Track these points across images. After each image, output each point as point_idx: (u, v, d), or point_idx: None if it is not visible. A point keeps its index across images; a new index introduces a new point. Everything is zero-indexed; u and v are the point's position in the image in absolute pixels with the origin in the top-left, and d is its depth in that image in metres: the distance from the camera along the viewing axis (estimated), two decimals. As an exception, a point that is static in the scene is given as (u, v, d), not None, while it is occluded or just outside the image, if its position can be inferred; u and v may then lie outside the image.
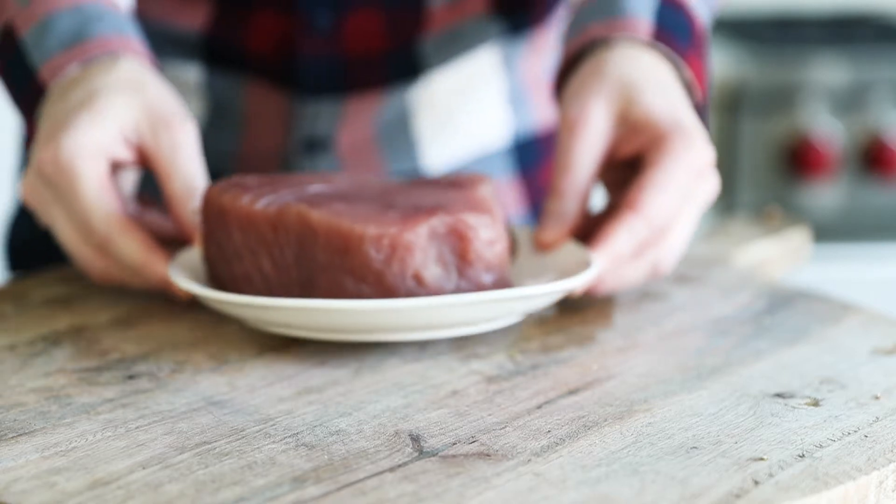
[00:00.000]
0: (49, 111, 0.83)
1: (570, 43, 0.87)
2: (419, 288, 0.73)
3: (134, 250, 0.80)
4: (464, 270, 0.75)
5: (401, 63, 1.01)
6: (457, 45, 1.03)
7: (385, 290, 0.73)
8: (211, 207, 0.78)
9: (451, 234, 0.74)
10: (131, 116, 0.81)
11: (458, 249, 0.74)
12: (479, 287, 0.75)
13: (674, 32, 0.85)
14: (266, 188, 0.77)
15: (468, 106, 1.05)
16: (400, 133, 1.03)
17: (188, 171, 0.82)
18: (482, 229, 0.75)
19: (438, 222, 0.74)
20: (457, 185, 0.80)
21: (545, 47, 1.07)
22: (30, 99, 0.85)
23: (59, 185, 0.80)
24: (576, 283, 0.76)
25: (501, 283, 0.76)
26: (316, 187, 0.78)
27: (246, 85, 1.01)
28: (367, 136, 1.02)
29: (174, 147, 0.81)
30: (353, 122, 1.01)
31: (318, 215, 0.74)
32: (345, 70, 1.00)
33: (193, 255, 0.82)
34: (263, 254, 0.76)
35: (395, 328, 0.74)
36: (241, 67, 1.01)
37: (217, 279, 0.79)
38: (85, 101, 0.81)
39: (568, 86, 0.85)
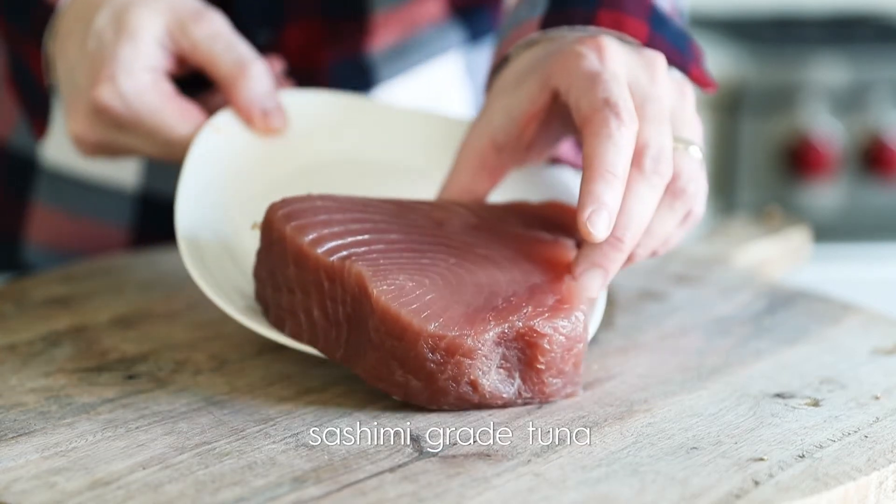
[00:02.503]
0: (74, 39, 0.82)
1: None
2: (473, 394, 0.66)
3: None
4: (528, 376, 0.67)
5: (350, 73, 0.98)
6: (413, 53, 1.00)
7: (435, 390, 0.66)
8: (271, 229, 0.72)
9: (520, 340, 0.66)
10: (161, 24, 0.81)
11: (527, 357, 0.67)
12: (542, 392, 0.68)
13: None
14: (334, 223, 0.71)
15: None
16: None
17: (230, 53, 0.81)
18: (558, 335, 0.67)
19: (508, 328, 0.66)
20: (557, 226, 0.73)
21: None
22: (38, 21, 0.84)
23: (134, 121, 0.81)
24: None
25: (569, 385, 0.68)
26: (388, 237, 0.71)
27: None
28: None
29: (210, 37, 0.82)
30: None
31: (377, 293, 0.66)
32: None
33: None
34: (315, 300, 0.70)
35: None
36: (183, 88, 0.93)
37: (261, 299, 0.74)
38: (114, 26, 0.81)
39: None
